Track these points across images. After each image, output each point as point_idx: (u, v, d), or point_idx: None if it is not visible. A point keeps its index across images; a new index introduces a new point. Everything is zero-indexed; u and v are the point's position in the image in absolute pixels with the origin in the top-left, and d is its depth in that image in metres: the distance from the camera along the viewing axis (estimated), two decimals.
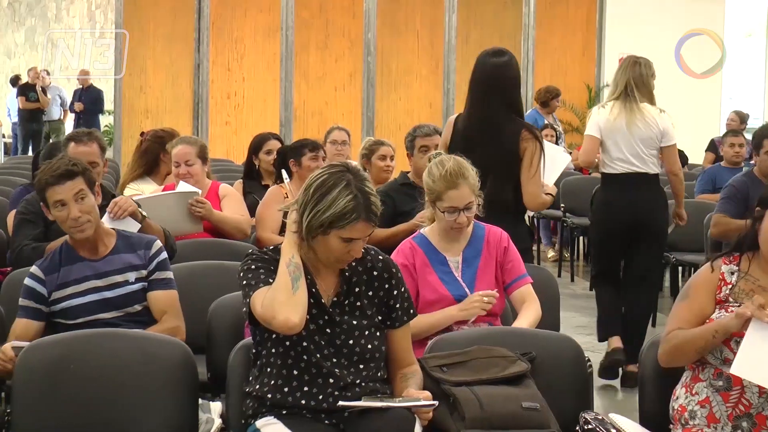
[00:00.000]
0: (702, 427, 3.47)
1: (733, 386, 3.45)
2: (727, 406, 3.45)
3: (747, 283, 3.59)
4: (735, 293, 3.58)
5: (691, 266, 8.72)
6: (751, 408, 3.42)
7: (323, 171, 3.53)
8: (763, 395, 3.39)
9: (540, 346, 3.93)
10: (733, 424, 3.43)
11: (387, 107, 15.76)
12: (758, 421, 3.41)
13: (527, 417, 3.58)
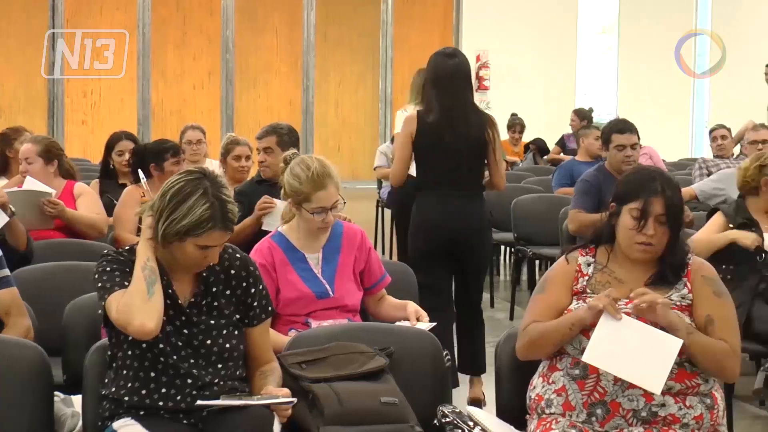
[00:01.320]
0: (557, 415, 3.53)
1: (589, 374, 3.50)
2: (583, 394, 3.50)
3: (603, 275, 3.67)
4: (592, 284, 3.65)
5: (547, 260, 8.89)
6: (606, 395, 3.48)
7: (180, 177, 3.51)
8: (618, 383, 3.46)
9: (398, 341, 3.96)
10: (588, 411, 3.49)
11: (246, 105, 15.69)
12: (612, 408, 3.47)
13: (386, 412, 3.61)
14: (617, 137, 6.89)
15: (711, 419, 3.51)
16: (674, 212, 3.62)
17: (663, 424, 3.46)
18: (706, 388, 3.53)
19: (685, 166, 11.69)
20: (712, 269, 3.71)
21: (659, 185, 3.62)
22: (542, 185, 9.81)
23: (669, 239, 3.63)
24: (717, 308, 3.59)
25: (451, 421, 3.62)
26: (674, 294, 3.60)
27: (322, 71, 15.95)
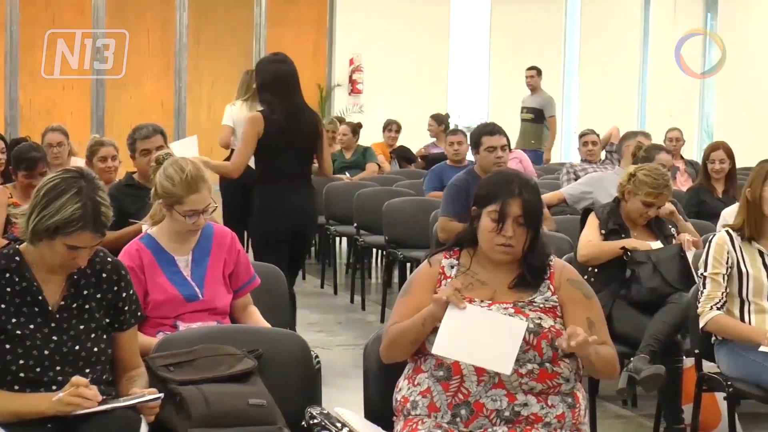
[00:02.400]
0: (423, 416, 3.56)
1: (453, 375, 3.53)
2: (447, 395, 3.54)
3: (467, 277, 3.71)
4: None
5: (418, 262, 8.93)
6: (470, 396, 3.52)
7: (57, 175, 3.50)
8: (481, 383, 3.50)
9: (267, 343, 3.97)
10: (453, 412, 3.52)
11: (118, 107, 15.47)
12: (476, 408, 3.51)
13: (254, 414, 3.61)
14: (487, 139, 6.99)
15: (573, 418, 3.57)
16: (532, 213, 3.67)
17: (526, 424, 3.51)
18: (567, 387, 3.59)
19: (554, 170, 11.89)
20: (575, 271, 3.79)
21: (516, 187, 3.67)
22: (413, 189, 9.89)
23: (529, 241, 3.68)
24: (593, 311, 3.68)
25: (319, 423, 3.63)
26: (537, 296, 3.65)
27: (194, 73, 15.81)
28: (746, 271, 4.90)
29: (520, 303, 3.62)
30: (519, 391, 3.53)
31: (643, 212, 5.91)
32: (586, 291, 3.72)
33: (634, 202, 5.90)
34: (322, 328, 8.42)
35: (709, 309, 4.89)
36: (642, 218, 5.93)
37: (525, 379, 3.52)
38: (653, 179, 5.88)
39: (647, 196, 5.85)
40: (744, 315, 4.91)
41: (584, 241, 5.89)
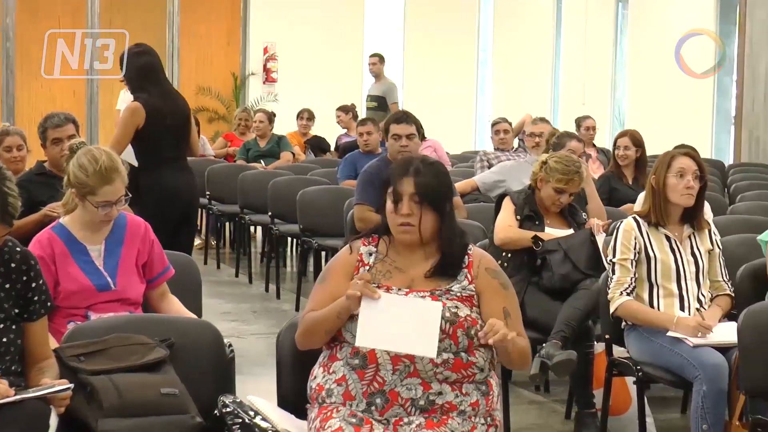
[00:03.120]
0: (338, 404, 3.56)
1: (369, 364, 3.54)
2: (362, 384, 3.54)
3: (384, 264, 3.72)
4: (373, 274, 3.70)
5: (333, 251, 8.94)
6: (385, 385, 3.52)
7: None
8: (396, 372, 3.51)
9: (180, 332, 3.95)
10: (368, 401, 3.53)
11: (29, 95, 15.27)
12: (391, 397, 3.52)
13: (166, 403, 3.59)
14: (393, 127, 7.06)
15: (486, 405, 3.60)
16: (425, 190, 3.65)
17: (441, 412, 3.53)
18: (481, 376, 3.62)
19: (469, 159, 11.96)
20: (493, 260, 3.80)
21: (413, 168, 3.67)
22: (328, 177, 9.89)
23: (437, 225, 3.68)
24: (509, 301, 3.70)
25: (232, 411, 3.62)
26: (455, 285, 3.66)
27: None
28: (654, 256, 4.99)
29: (437, 291, 3.64)
30: (434, 380, 3.55)
31: (556, 199, 5.97)
32: (503, 281, 3.73)
33: (546, 189, 5.96)
34: (236, 317, 8.39)
35: (618, 295, 4.96)
36: (555, 205, 5.99)
37: (440, 368, 3.54)
38: (564, 166, 5.95)
39: (558, 183, 5.91)
40: (653, 299, 4.99)
41: (502, 224, 5.92)
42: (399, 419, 3.52)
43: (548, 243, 5.80)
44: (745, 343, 4.37)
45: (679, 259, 5.01)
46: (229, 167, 11.29)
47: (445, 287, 3.66)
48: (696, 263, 5.04)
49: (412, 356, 3.52)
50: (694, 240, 5.09)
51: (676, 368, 4.76)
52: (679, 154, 5.07)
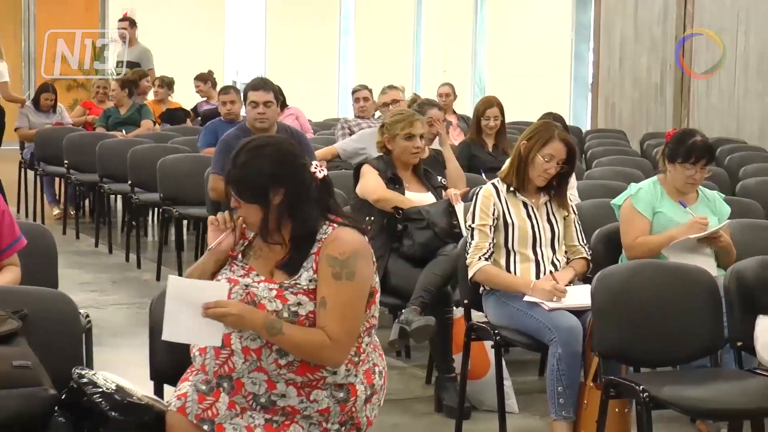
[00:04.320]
0: (197, 370, 3.53)
1: (225, 346, 3.47)
2: (216, 363, 3.48)
3: (259, 241, 3.58)
4: (249, 250, 3.61)
5: (195, 219, 8.90)
6: (234, 372, 3.45)
7: None
8: (246, 362, 3.44)
9: (33, 303, 3.86)
10: (217, 381, 3.48)
11: None
12: (236, 386, 3.45)
13: (19, 375, 3.51)
14: (252, 94, 6.98)
15: (342, 411, 3.48)
16: (234, 184, 3.49)
17: (282, 414, 3.44)
18: (336, 379, 3.46)
19: (331, 126, 11.94)
20: (342, 246, 3.46)
21: (231, 159, 3.53)
22: (188, 145, 9.79)
23: (262, 216, 3.47)
24: (333, 291, 3.41)
25: (87, 383, 3.57)
26: (303, 275, 3.46)
27: None
28: (512, 222, 5.06)
29: (285, 284, 3.45)
30: (280, 380, 3.43)
31: (411, 147, 5.99)
32: (337, 270, 3.42)
33: (398, 144, 6.00)
34: (95, 288, 8.27)
35: (477, 260, 5.02)
36: (414, 156, 6.02)
37: (284, 370, 3.42)
38: (400, 114, 6.15)
39: (404, 129, 5.98)
40: (510, 265, 5.06)
41: (375, 184, 5.92)
42: (243, 410, 3.44)
43: (409, 211, 5.85)
44: (599, 305, 4.47)
45: (536, 226, 5.09)
46: (87, 135, 11.10)
47: (293, 280, 3.46)
48: (552, 229, 5.13)
49: (259, 350, 3.42)
50: (551, 207, 5.18)
51: (533, 332, 4.84)
52: (558, 139, 5.06)
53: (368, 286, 3.51)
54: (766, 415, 4.48)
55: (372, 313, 3.58)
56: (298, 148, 3.64)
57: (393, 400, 5.81)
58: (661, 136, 5.85)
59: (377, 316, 3.63)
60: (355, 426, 3.53)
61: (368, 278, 3.51)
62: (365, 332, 3.56)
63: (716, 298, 4.63)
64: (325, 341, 3.38)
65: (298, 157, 3.54)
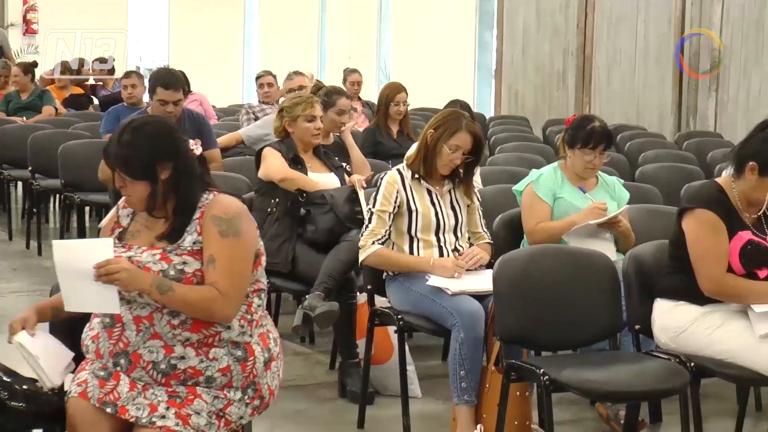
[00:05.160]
0: (92, 360, 3.52)
1: (116, 323, 3.48)
2: (110, 343, 3.48)
3: (136, 224, 3.63)
4: (126, 234, 3.63)
5: (97, 206, 8.80)
6: (129, 346, 3.45)
7: None
8: (139, 333, 3.44)
9: None
10: (113, 360, 3.47)
11: None
12: (134, 359, 3.45)
13: None
14: (161, 92, 6.85)
15: (243, 372, 3.50)
16: (119, 162, 3.49)
17: (185, 377, 3.45)
18: (231, 335, 3.50)
19: (235, 112, 11.88)
20: (226, 207, 3.55)
21: (115, 138, 3.53)
22: (91, 131, 9.67)
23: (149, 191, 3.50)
24: (220, 248, 3.47)
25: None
26: (187, 239, 3.50)
27: None
28: (415, 209, 5.08)
29: (168, 248, 3.50)
30: (177, 343, 3.45)
31: (312, 129, 6.04)
32: (223, 228, 3.49)
33: (299, 127, 6.05)
34: None
35: (370, 244, 5.04)
36: (314, 137, 6.06)
37: (178, 330, 3.45)
38: (299, 97, 6.24)
39: (305, 110, 6.06)
40: (413, 251, 5.08)
41: (279, 165, 5.93)
42: (146, 386, 3.45)
43: (313, 195, 5.85)
44: (500, 290, 4.50)
45: (439, 212, 5.12)
46: (18, 128, 10.85)
47: (177, 243, 3.50)
48: (455, 216, 5.17)
49: (150, 316, 3.45)
50: (454, 194, 5.21)
51: (435, 317, 4.87)
52: (465, 130, 5.09)
53: (253, 245, 3.58)
54: (663, 396, 4.59)
55: (258, 276, 3.62)
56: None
57: (297, 386, 5.84)
58: (563, 123, 5.93)
59: (265, 282, 3.67)
60: (258, 394, 3.55)
61: (253, 238, 3.59)
62: (254, 294, 3.60)
63: (615, 283, 4.70)
64: (216, 295, 3.43)
65: (179, 133, 3.62)
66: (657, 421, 5.29)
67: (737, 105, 12.69)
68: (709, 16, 13.04)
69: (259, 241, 3.62)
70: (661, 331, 4.52)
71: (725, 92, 12.89)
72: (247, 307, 3.56)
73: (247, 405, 3.53)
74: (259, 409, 3.58)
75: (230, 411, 3.49)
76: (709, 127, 12.90)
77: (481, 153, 5.21)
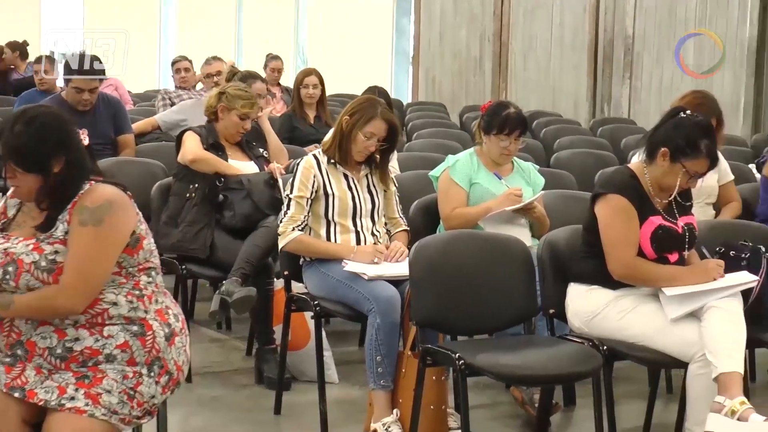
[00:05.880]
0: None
1: None
2: (2, 336, 3.45)
3: (23, 214, 3.57)
4: (12, 224, 3.57)
5: None
6: (22, 335, 3.42)
7: None
8: (29, 322, 3.41)
9: None
10: (11, 352, 3.43)
11: None
12: (29, 347, 3.41)
13: None
14: (77, 80, 6.83)
15: (144, 346, 3.47)
16: (10, 154, 3.43)
17: (84, 359, 3.42)
18: (122, 311, 3.46)
19: (151, 98, 11.78)
20: (95, 197, 3.46)
21: (6, 128, 3.46)
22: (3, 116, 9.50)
23: (41, 183, 3.44)
24: (76, 237, 3.40)
25: None
26: (59, 227, 3.44)
27: None
28: (332, 193, 5.08)
29: (40, 237, 3.43)
30: (67, 326, 3.42)
31: (240, 126, 6.03)
32: (84, 217, 3.42)
33: (229, 118, 6.03)
34: None
35: (291, 230, 5.03)
36: (238, 133, 6.06)
37: None
38: (244, 92, 6.15)
39: (243, 108, 6.03)
40: (330, 236, 5.09)
41: (192, 147, 5.91)
42: (52, 370, 3.41)
43: (230, 181, 5.84)
44: (416, 275, 4.53)
45: (356, 197, 5.13)
46: None
47: (50, 232, 3.44)
48: (372, 201, 5.18)
49: None
50: (371, 179, 5.22)
51: (352, 302, 4.88)
52: (380, 117, 5.10)
53: (121, 233, 3.47)
54: (576, 379, 4.65)
55: (144, 257, 3.54)
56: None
57: (213, 373, 5.82)
58: (480, 109, 5.97)
59: (155, 261, 3.60)
60: (165, 370, 3.51)
61: (122, 226, 3.48)
62: (141, 272, 3.54)
63: (530, 268, 4.74)
64: (56, 292, 3.39)
65: (72, 125, 3.56)
66: (571, 404, 5.37)
67: (650, 92, 12.87)
68: (623, 4, 13.21)
69: (138, 226, 3.52)
70: (575, 315, 4.57)
71: (639, 79, 13.07)
72: (134, 284, 3.51)
73: (157, 383, 3.49)
74: (169, 387, 3.53)
75: (141, 390, 3.45)
76: (623, 114, 13.07)
77: (396, 140, 5.23)
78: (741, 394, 4.15)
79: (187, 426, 5.07)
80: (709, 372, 4.22)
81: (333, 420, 4.94)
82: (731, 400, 4.12)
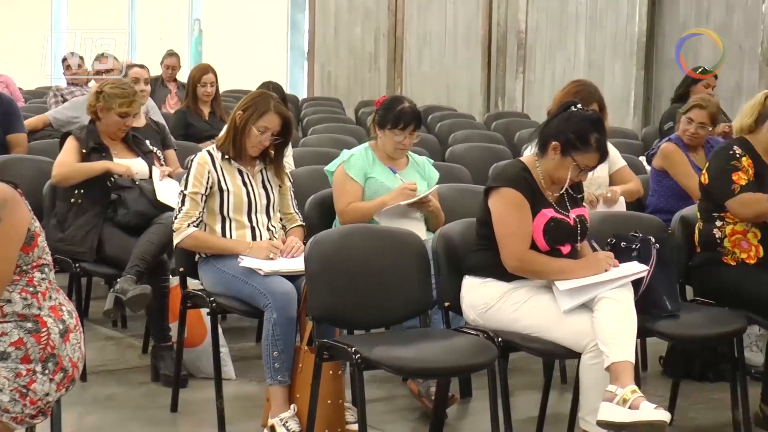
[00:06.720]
0: None
1: None
2: None
3: None
4: None
5: None
6: None
7: None
8: None
9: None
10: None
11: None
12: None
13: None
14: None
15: (39, 343, 3.45)
16: None
17: None
18: (14, 308, 3.44)
19: (43, 94, 11.60)
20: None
21: None
22: None
23: None
24: None
25: None
26: None
27: None
28: (227, 189, 5.06)
29: None
30: None
31: (122, 124, 5.96)
32: None
33: (109, 117, 5.94)
34: None
35: (186, 227, 5.00)
36: (120, 131, 5.97)
37: None
38: (122, 90, 6.02)
39: (122, 107, 5.93)
40: (225, 231, 5.07)
41: (58, 161, 5.85)
42: None
43: (122, 180, 5.79)
44: (312, 270, 4.54)
45: (251, 192, 5.12)
46: None
47: None
48: (267, 196, 5.17)
49: None
50: (266, 174, 5.22)
51: (248, 298, 4.87)
52: (274, 111, 5.10)
53: (17, 230, 3.43)
54: (472, 371, 4.69)
55: (38, 255, 3.50)
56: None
57: (108, 371, 5.77)
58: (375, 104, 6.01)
59: (47, 258, 3.56)
60: (60, 366, 3.48)
61: (18, 223, 3.44)
62: (34, 269, 3.49)
63: (425, 261, 4.78)
64: None
65: None
66: (467, 396, 5.42)
67: (543, 86, 13.04)
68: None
69: (32, 223, 3.48)
70: (470, 307, 4.62)
71: (532, 73, 13.23)
72: (28, 281, 3.48)
73: (51, 380, 3.46)
74: (64, 384, 3.50)
75: (34, 387, 3.42)
76: (516, 108, 13.21)
77: (290, 134, 5.23)
78: (632, 383, 4.23)
79: (81, 425, 5.01)
80: (602, 362, 4.29)
81: (230, 416, 4.93)
82: (623, 388, 4.20)
